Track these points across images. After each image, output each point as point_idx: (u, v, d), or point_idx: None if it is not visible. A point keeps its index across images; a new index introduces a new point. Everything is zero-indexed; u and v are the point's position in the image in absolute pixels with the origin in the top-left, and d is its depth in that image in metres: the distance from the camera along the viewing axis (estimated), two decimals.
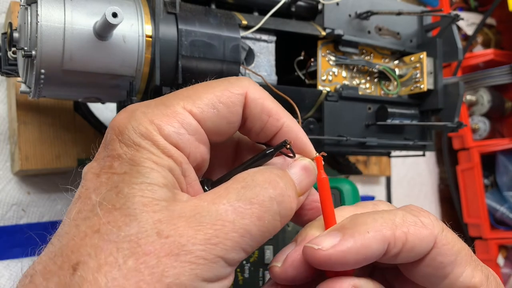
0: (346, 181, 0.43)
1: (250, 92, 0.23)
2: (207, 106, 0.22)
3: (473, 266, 0.23)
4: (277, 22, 0.43)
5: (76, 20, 0.32)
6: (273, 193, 0.21)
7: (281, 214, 0.21)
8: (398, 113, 0.48)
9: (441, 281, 0.23)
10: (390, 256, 0.22)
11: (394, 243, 0.22)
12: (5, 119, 0.49)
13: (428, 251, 0.22)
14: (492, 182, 0.91)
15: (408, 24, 0.51)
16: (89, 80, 0.34)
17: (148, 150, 0.20)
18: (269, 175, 0.21)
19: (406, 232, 0.22)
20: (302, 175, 0.24)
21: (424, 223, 0.23)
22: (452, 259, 0.23)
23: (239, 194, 0.20)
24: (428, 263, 0.23)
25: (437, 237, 0.23)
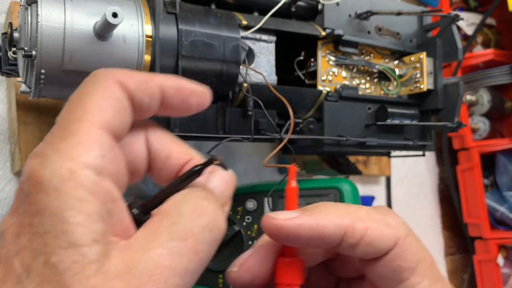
0: (346, 181, 0.43)
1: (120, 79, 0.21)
2: (110, 116, 0.19)
3: (433, 281, 0.23)
4: (277, 22, 0.43)
5: (76, 20, 0.32)
6: (203, 221, 0.19)
7: (214, 238, 0.20)
8: (398, 113, 0.48)
9: (396, 285, 0.23)
10: (347, 245, 0.22)
11: (352, 233, 0.22)
12: (5, 119, 0.49)
13: (388, 250, 0.22)
14: (492, 182, 0.91)
15: (408, 24, 0.52)
16: None
17: (72, 196, 0.17)
18: (196, 202, 0.20)
19: (367, 226, 0.22)
20: (224, 187, 0.22)
21: (389, 222, 0.23)
22: (411, 266, 0.22)
23: (171, 233, 0.18)
24: (386, 264, 0.22)
25: (400, 239, 0.22)
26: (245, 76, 0.40)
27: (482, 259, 0.87)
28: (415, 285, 0.22)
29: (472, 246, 0.89)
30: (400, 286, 0.22)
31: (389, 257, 0.22)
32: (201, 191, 0.21)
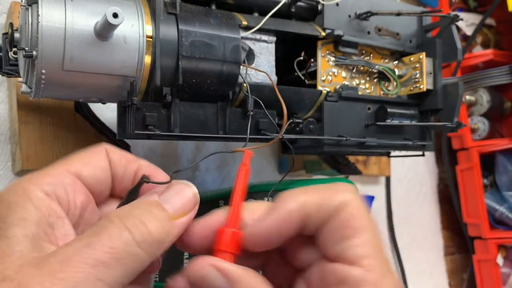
0: (345, 181, 0.43)
1: (107, 147, 0.27)
2: (79, 163, 0.25)
3: (374, 250, 0.23)
4: (277, 23, 0.43)
5: (77, 21, 0.33)
6: (126, 236, 0.21)
7: (147, 248, 0.21)
8: (398, 113, 0.48)
9: (340, 241, 0.23)
10: (310, 220, 0.24)
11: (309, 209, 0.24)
12: (6, 119, 0.49)
13: (336, 210, 0.23)
14: (492, 182, 0.91)
15: (407, 25, 0.52)
16: (90, 80, 0.34)
17: (18, 205, 0.22)
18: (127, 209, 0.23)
19: (320, 195, 0.24)
20: (171, 198, 0.24)
21: (338, 188, 0.24)
22: (354, 225, 0.23)
23: (88, 232, 0.22)
24: (334, 222, 0.23)
25: (350, 203, 0.23)
26: (245, 76, 0.40)
27: (481, 259, 0.87)
28: (356, 246, 0.23)
29: (471, 246, 0.89)
30: (343, 245, 0.23)
31: (339, 214, 0.23)
32: (137, 207, 0.23)
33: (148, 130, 0.35)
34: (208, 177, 0.63)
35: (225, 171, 0.65)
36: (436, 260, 0.92)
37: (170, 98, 0.36)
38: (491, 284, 0.85)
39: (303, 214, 0.23)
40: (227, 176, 0.65)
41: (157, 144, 0.59)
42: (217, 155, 0.64)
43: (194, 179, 0.62)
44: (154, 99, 0.37)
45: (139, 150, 0.58)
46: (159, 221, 0.22)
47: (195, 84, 0.38)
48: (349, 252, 0.23)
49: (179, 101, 0.37)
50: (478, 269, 0.87)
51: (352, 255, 0.23)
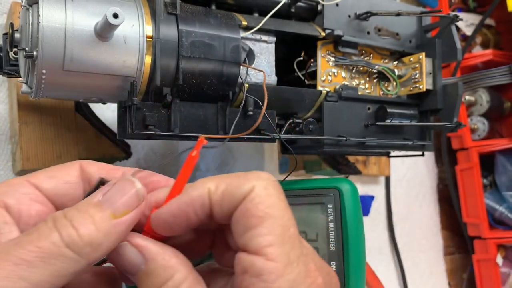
0: (345, 181, 0.43)
1: (83, 162, 0.27)
2: (43, 175, 0.26)
3: (279, 240, 0.22)
4: (277, 23, 0.43)
5: (77, 21, 0.33)
6: (56, 237, 0.21)
7: (79, 251, 0.21)
8: (397, 113, 0.48)
9: (245, 231, 0.23)
10: (215, 202, 0.23)
11: (215, 190, 0.23)
12: (6, 119, 0.49)
13: (244, 196, 0.23)
14: (491, 182, 0.91)
15: (407, 25, 0.52)
16: (90, 80, 0.35)
17: None
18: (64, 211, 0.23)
19: (228, 182, 0.23)
20: (113, 195, 0.24)
21: (248, 176, 0.23)
22: (259, 214, 0.22)
23: (24, 233, 0.22)
24: (240, 209, 0.23)
25: (256, 188, 0.23)
26: (245, 76, 0.40)
27: (481, 259, 0.87)
28: (259, 235, 0.22)
29: (471, 246, 0.89)
30: (248, 234, 0.22)
31: (243, 203, 0.23)
32: (74, 209, 0.23)
33: (148, 130, 0.35)
34: None
35: (225, 171, 0.65)
36: (436, 260, 0.92)
37: (170, 98, 0.36)
38: (490, 283, 0.85)
39: (206, 201, 0.23)
40: None
41: (157, 144, 0.59)
42: (218, 155, 0.64)
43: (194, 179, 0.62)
44: (154, 99, 0.37)
45: (139, 150, 0.58)
46: (93, 222, 0.22)
47: (195, 84, 0.38)
48: (252, 241, 0.22)
49: (179, 101, 0.37)
50: (478, 268, 0.87)
51: (256, 244, 0.22)
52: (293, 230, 0.23)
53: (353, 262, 0.40)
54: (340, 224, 0.41)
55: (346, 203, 0.42)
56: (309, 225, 0.43)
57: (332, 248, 0.41)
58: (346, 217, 0.41)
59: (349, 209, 0.41)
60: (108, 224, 0.22)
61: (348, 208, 0.41)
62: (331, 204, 0.42)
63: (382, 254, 0.82)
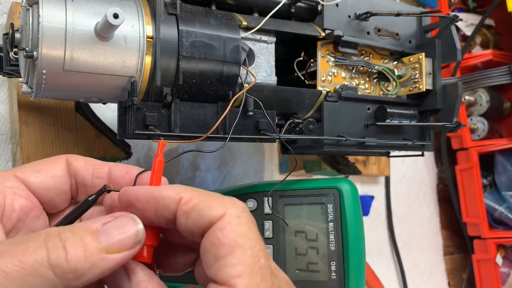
0: (345, 181, 0.43)
1: (69, 156, 0.28)
2: (29, 169, 0.26)
3: (248, 270, 0.22)
4: (277, 23, 0.43)
5: (78, 21, 0.33)
6: (40, 255, 0.21)
7: (61, 272, 0.21)
8: (397, 113, 0.48)
9: (214, 261, 0.22)
10: (181, 213, 0.23)
11: (186, 202, 0.23)
12: (6, 120, 0.49)
13: (214, 221, 0.22)
14: (491, 182, 0.91)
15: (407, 25, 0.52)
16: (90, 80, 0.35)
17: None
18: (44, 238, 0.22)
19: (201, 199, 0.23)
20: (112, 229, 0.23)
21: (224, 201, 0.23)
22: (229, 243, 0.22)
23: (12, 240, 0.22)
24: (208, 235, 0.23)
25: (227, 215, 0.22)
26: (245, 77, 0.41)
27: (481, 259, 0.87)
28: (228, 266, 0.22)
29: (471, 246, 0.89)
30: (217, 264, 0.22)
31: (213, 228, 0.22)
32: (70, 231, 0.22)
33: (149, 130, 0.35)
34: (208, 177, 0.63)
35: (225, 171, 0.65)
36: (436, 259, 0.92)
37: (170, 98, 0.36)
38: (490, 283, 0.85)
39: (173, 206, 0.23)
40: (227, 176, 0.65)
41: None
42: (218, 155, 0.64)
43: (195, 179, 0.62)
44: (154, 99, 0.37)
45: (140, 150, 0.58)
46: (84, 251, 0.21)
47: (195, 84, 0.38)
48: (221, 271, 0.22)
49: (180, 101, 0.37)
50: (478, 268, 0.87)
51: (224, 274, 0.22)
52: (264, 261, 0.23)
53: (353, 262, 0.40)
54: (340, 224, 0.41)
55: (346, 203, 0.42)
56: (309, 225, 0.43)
57: (332, 248, 0.41)
58: (346, 217, 0.41)
59: (349, 209, 0.41)
60: (98, 257, 0.22)
61: (348, 208, 0.41)
62: (331, 204, 0.42)
63: (382, 254, 0.82)
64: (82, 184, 0.28)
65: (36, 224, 0.26)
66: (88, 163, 0.28)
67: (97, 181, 0.27)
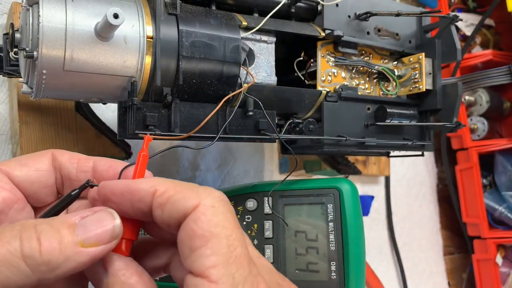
0: (345, 181, 0.43)
1: (55, 151, 0.28)
2: (15, 163, 0.26)
3: (224, 260, 0.22)
4: (277, 23, 0.43)
5: (78, 21, 0.33)
6: (14, 245, 0.21)
7: (34, 264, 0.21)
8: (397, 113, 0.49)
9: (190, 253, 0.22)
10: (157, 205, 0.23)
11: (161, 193, 0.23)
12: (6, 120, 0.49)
13: (188, 212, 0.22)
14: (491, 182, 0.91)
15: (407, 25, 0.52)
16: (91, 80, 0.35)
17: None
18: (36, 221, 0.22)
19: (176, 190, 0.23)
20: (89, 223, 0.23)
21: (198, 191, 0.23)
22: (204, 234, 0.22)
23: None
24: (183, 227, 0.22)
25: (201, 205, 0.22)
26: (245, 77, 0.41)
27: (481, 259, 0.87)
28: (203, 256, 0.22)
29: (471, 246, 0.89)
30: (192, 256, 0.22)
31: (187, 220, 0.22)
32: (46, 223, 0.22)
33: (149, 130, 0.35)
34: (208, 177, 0.63)
35: (225, 171, 0.65)
36: (436, 259, 0.92)
37: (170, 98, 0.36)
38: (490, 283, 0.86)
39: (147, 199, 0.23)
40: (227, 175, 0.65)
41: (157, 144, 0.59)
42: (218, 155, 0.64)
43: (195, 179, 0.62)
44: (154, 99, 0.37)
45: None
46: (59, 243, 0.21)
47: (195, 84, 0.38)
48: (196, 263, 0.22)
49: (180, 101, 0.37)
50: (478, 268, 0.87)
51: (199, 265, 0.22)
52: (241, 249, 0.23)
53: (353, 262, 0.41)
54: (340, 224, 0.41)
55: (346, 203, 0.42)
56: (309, 225, 0.43)
57: (332, 248, 0.41)
58: (346, 217, 0.41)
59: (349, 209, 0.42)
60: (73, 250, 0.22)
61: (348, 208, 0.42)
62: (331, 204, 0.42)
63: (382, 254, 0.82)
64: (67, 178, 0.28)
65: (20, 217, 0.26)
66: (73, 157, 0.28)
67: (81, 175, 0.27)
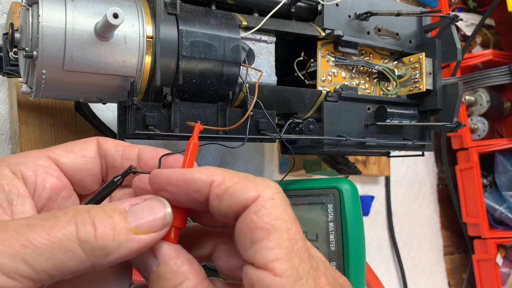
0: (345, 181, 0.43)
1: (100, 138, 0.28)
2: (61, 150, 0.26)
3: (286, 253, 0.21)
4: (277, 23, 0.43)
5: (77, 21, 0.33)
6: (70, 230, 0.20)
7: (90, 248, 0.21)
8: (397, 113, 0.48)
9: (250, 245, 0.22)
10: (214, 196, 0.23)
11: (218, 184, 0.23)
12: (6, 120, 0.49)
13: (248, 203, 0.22)
14: (491, 182, 0.91)
15: (407, 25, 0.52)
16: (90, 80, 0.35)
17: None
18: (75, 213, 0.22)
19: (233, 181, 0.23)
20: (140, 211, 0.23)
21: (256, 182, 0.23)
22: (265, 227, 0.21)
23: (40, 215, 0.21)
24: (243, 218, 0.22)
25: (261, 197, 0.22)
26: (245, 76, 0.41)
27: (481, 259, 0.87)
28: (265, 249, 0.21)
29: (471, 246, 0.89)
30: (254, 248, 0.22)
31: (247, 211, 0.22)
32: (99, 209, 0.22)
33: (148, 130, 0.35)
34: None
35: None
36: (436, 259, 0.92)
37: (170, 98, 0.36)
38: (490, 283, 0.85)
39: (205, 189, 0.23)
40: None
41: (157, 144, 0.59)
42: (218, 155, 0.64)
43: None
44: (154, 99, 0.37)
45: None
46: (113, 229, 0.21)
47: (195, 84, 0.38)
48: (258, 255, 0.21)
49: (179, 101, 0.37)
50: (478, 268, 0.87)
51: (262, 258, 0.21)
52: (301, 243, 0.22)
53: (353, 262, 0.40)
54: (340, 224, 0.41)
55: (346, 203, 0.42)
56: (309, 225, 0.43)
57: (332, 248, 0.41)
58: (346, 217, 0.41)
59: (349, 209, 0.41)
60: (125, 237, 0.21)
61: (348, 208, 0.41)
62: (331, 204, 0.42)
63: (382, 254, 0.82)
64: (112, 165, 0.27)
65: (67, 204, 0.26)
66: (118, 145, 0.27)
67: (126, 162, 0.27)
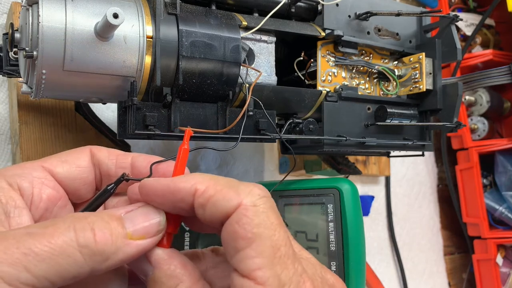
0: (345, 181, 0.43)
1: (92, 147, 0.28)
2: (56, 160, 0.26)
3: (268, 261, 0.21)
4: (277, 23, 0.43)
5: (77, 21, 0.33)
6: (70, 236, 0.21)
7: (90, 253, 0.21)
8: (397, 113, 0.48)
9: (234, 254, 0.22)
10: (198, 205, 0.23)
11: (201, 193, 0.23)
12: (6, 119, 0.49)
13: (230, 212, 0.22)
14: (491, 182, 0.91)
15: (407, 25, 0.52)
16: (90, 80, 0.35)
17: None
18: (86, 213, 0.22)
19: (216, 189, 0.23)
20: (136, 217, 0.23)
21: (239, 189, 0.23)
22: (246, 236, 0.21)
23: (39, 223, 0.22)
24: (226, 227, 0.22)
25: (242, 205, 0.22)
26: (245, 76, 0.41)
27: (481, 259, 0.87)
28: (248, 258, 0.21)
29: (471, 246, 0.89)
30: (237, 256, 0.22)
31: (229, 220, 0.22)
32: (96, 215, 0.22)
33: (148, 130, 0.35)
34: None
35: (225, 171, 0.65)
36: (436, 259, 0.92)
37: (170, 98, 0.36)
38: (490, 283, 0.85)
39: (189, 198, 0.23)
40: (227, 175, 0.65)
41: (157, 144, 0.59)
42: (218, 155, 0.64)
43: None
44: (154, 99, 0.37)
45: (139, 150, 0.58)
46: (111, 234, 0.22)
47: (195, 84, 0.38)
48: (241, 264, 0.22)
49: (179, 101, 0.37)
50: (478, 268, 0.87)
51: (245, 267, 0.21)
52: (285, 249, 0.22)
53: (353, 262, 0.40)
54: (340, 224, 0.41)
55: (346, 203, 0.42)
56: (309, 225, 0.43)
57: (332, 248, 0.41)
58: (346, 217, 0.41)
59: (349, 209, 0.41)
60: (123, 242, 0.22)
61: (348, 208, 0.41)
62: (331, 204, 0.42)
63: (382, 254, 0.82)
64: (106, 174, 0.28)
65: (63, 213, 0.26)
66: (111, 154, 0.28)
67: (120, 171, 0.28)
